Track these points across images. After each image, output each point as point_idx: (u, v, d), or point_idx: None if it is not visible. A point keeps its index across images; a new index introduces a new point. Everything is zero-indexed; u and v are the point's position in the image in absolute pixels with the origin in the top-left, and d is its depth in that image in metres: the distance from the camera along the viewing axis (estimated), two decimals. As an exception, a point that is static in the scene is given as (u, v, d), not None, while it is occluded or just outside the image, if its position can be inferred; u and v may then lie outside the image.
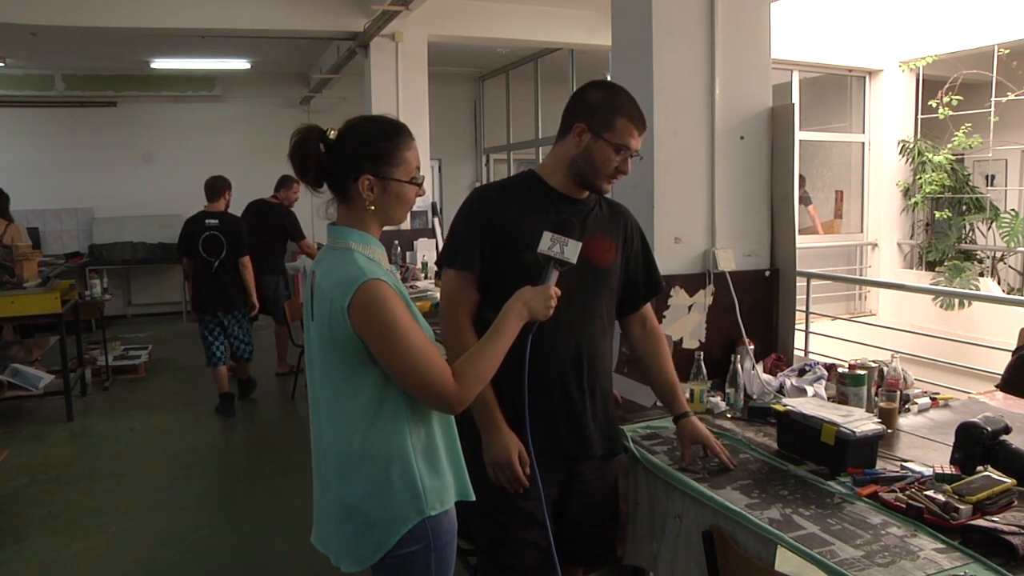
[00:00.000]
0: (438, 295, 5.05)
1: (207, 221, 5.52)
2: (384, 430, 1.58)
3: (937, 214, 8.52)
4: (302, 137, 1.60)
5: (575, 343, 1.94)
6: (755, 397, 2.57)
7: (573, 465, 1.98)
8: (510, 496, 1.88)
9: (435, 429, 1.65)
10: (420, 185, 1.66)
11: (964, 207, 8.49)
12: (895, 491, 1.75)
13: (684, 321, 2.82)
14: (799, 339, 4.39)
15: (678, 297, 2.80)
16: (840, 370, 2.41)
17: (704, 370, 2.42)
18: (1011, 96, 7.78)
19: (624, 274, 2.06)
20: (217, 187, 5.63)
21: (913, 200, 8.59)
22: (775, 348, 2.96)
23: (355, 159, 1.59)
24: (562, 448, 1.94)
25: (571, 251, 1.69)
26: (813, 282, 5.40)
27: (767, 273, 2.98)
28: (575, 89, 2.01)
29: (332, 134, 1.61)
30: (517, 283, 1.71)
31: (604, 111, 1.87)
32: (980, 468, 1.79)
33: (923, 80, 8.46)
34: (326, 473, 1.66)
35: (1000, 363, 3.48)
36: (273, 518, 3.79)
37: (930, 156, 8.39)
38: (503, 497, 1.89)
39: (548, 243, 1.70)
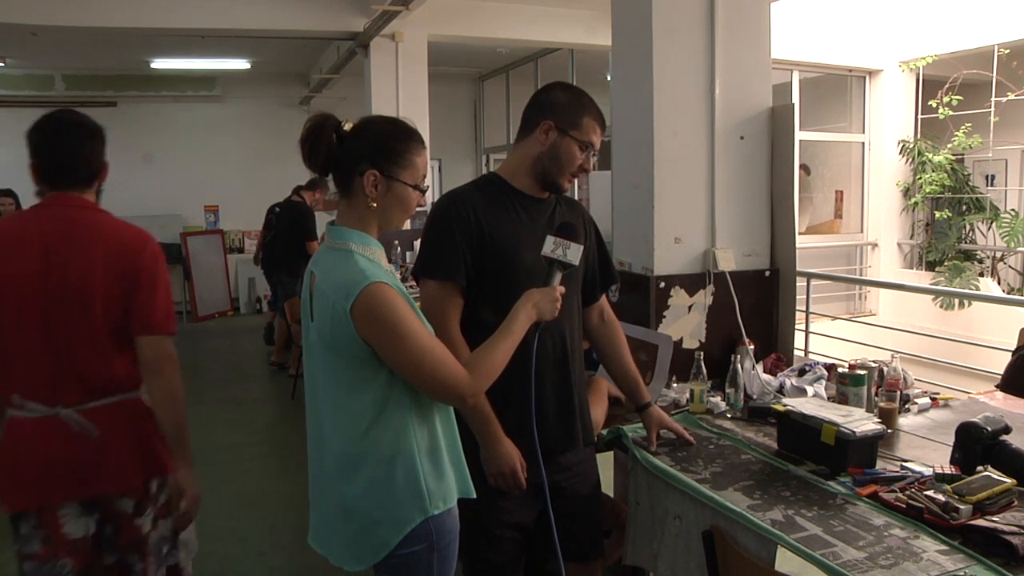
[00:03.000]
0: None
1: (275, 208, 6.88)
2: (388, 430, 1.58)
3: (937, 214, 8.52)
4: (316, 124, 1.60)
5: (560, 342, 1.97)
6: (755, 397, 2.57)
7: (557, 459, 1.98)
8: (490, 494, 1.88)
9: (437, 428, 1.65)
10: (423, 193, 1.67)
11: (964, 207, 8.49)
12: (895, 491, 1.75)
13: (684, 321, 2.82)
14: (799, 339, 4.39)
15: (678, 297, 2.80)
16: (840, 370, 2.41)
17: (704, 370, 2.42)
18: (1011, 96, 7.77)
19: (583, 267, 2.07)
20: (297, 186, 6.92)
21: (913, 200, 8.59)
22: (775, 348, 2.96)
23: (365, 153, 1.60)
24: (551, 445, 1.95)
25: (573, 253, 1.76)
26: (813, 282, 5.40)
27: (767, 273, 2.98)
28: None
29: (347, 126, 1.62)
30: (514, 282, 1.75)
31: (570, 109, 1.91)
32: (980, 468, 1.79)
33: (923, 80, 8.46)
34: (327, 474, 1.66)
35: (1000, 363, 3.48)
36: (275, 519, 3.80)
37: (930, 156, 8.39)
38: (482, 495, 1.88)
39: (551, 246, 1.76)
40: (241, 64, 9.24)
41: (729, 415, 2.43)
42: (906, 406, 2.42)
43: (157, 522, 2.01)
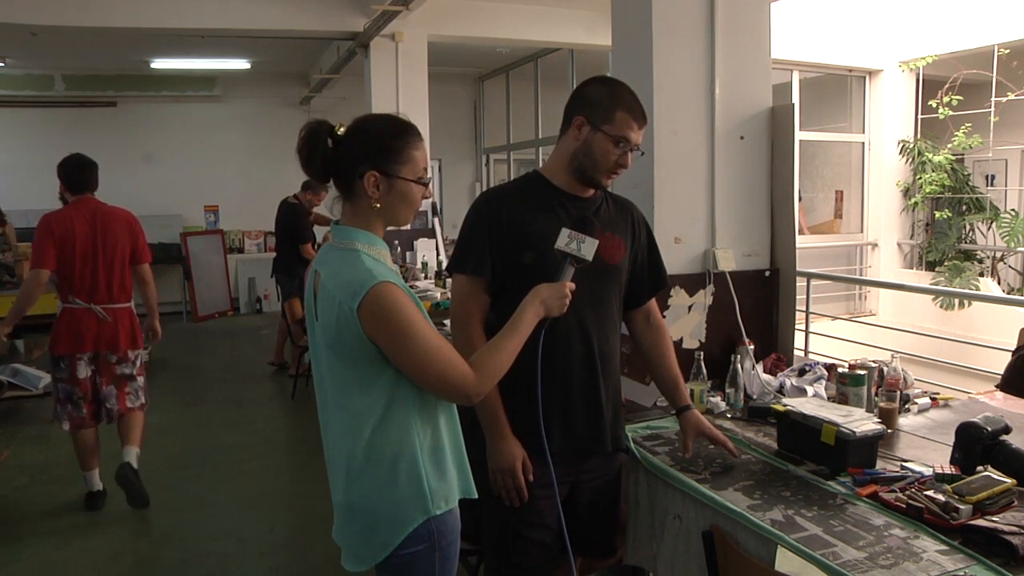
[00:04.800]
0: (438, 295, 5.09)
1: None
2: (392, 430, 1.58)
3: (937, 214, 8.52)
4: (310, 131, 1.60)
5: (589, 341, 1.94)
6: (755, 397, 2.57)
7: (584, 461, 1.99)
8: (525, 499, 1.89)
9: (441, 427, 1.65)
10: (426, 186, 1.65)
11: (964, 207, 8.50)
12: (895, 491, 1.75)
13: (684, 321, 2.82)
14: (799, 339, 4.39)
15: (678, 297, 2.80)
16: (840, 370, 2.41)
17: (704, 370, 2.42)
18: (1011, 96, 7.78)
19: (631, 269, 2.06)
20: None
21: (913, 200, 8.59)
22: (775, 348, 2.96)
23: (362, 155, 1.59)
24: (578, 446, 1.96)
25: (588, 248, 1.71)
26: (813, 282, 5.40)
27: (767, 273, 2.98)
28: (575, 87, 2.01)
29: (341, 130, 1.61)
30: (524, 283, 1.73)
31: (603, 104, 1.87)
32: (980, 468, 1.79)
33: (923, 80, 8.46)
34: (334, 473, 1.66)
35: (1000, 363, 3.48)
36: (274, 518, 3.80)
37: (930, 156, 8.39)
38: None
39: (566, 239, 1.71)
40: (241, 64, 9.24)
41: (729, 415, 2.43)
42: (906, 406, 2.42)
43: (135, 377, 3.89)
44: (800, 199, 8.54)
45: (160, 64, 9.08)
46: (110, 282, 3.74)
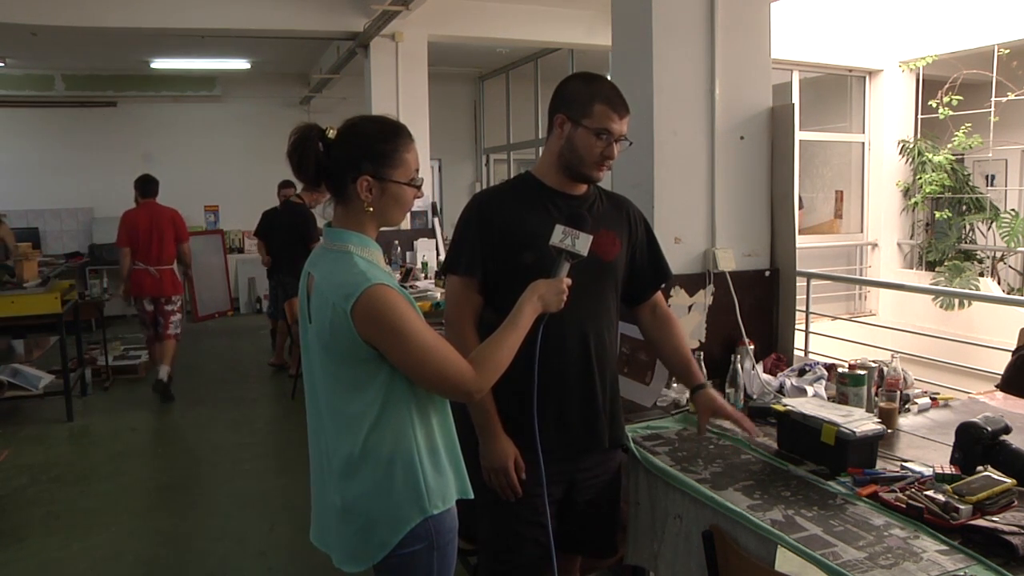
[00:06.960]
0: (438, 295, 5.09)
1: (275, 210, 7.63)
2: (388, 430, 1.58)
3: (937, 214, 8.52)
4: (301, 136, 1.59)
5: (584, 338, 1.94)
6: (755, 397, 2.57)
7: (581, 458, 1.99)
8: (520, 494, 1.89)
9: (435, 428, 1.64)
10: (419, 187, 1.66)
11: (964, 207, 8.50)
12: (895, 491, 1.75)
13: (684, 321, 2.82)
14: (799, 339, 4.39)
15: (678, 297, 2.80)
16: (840, 370, 2.41)
17: (704, 370, 2.41)
18: (1011, 96, 7.78)
19: (631, 265, 2.06)
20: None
21: (913, 200, 8.59)
22: (775, 348, 2.96)
23: (354, 159, 1.59)
24: (573, 443, 1.95)
25: (582, 244, 1.72)
26: (813, 282, 5.40)
27: (767, 273, 2.98)
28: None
29: (331, 133, 1.60)
30: (519, 283, 1.73)
31: (581, 99, 1.87)
32: (980, 468, 1.79)
33: (923, 80, 8.46)
34: (328, 473, 1.66)
35: (1000, 363, 3.48)
36: (274, 518, 3.79)
37: (930, 156, 8.39)
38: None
39: (560, 236, 1.73)
40: (241, 64, 9.24)
41: (729, 415, 2.43)
42: (906, 406, 2.42)
43: (175, 313, 6.21)
44: (801, 207, 8.54)
45: (160, 64, 9.08)
46: (159, 253, 6.02)
